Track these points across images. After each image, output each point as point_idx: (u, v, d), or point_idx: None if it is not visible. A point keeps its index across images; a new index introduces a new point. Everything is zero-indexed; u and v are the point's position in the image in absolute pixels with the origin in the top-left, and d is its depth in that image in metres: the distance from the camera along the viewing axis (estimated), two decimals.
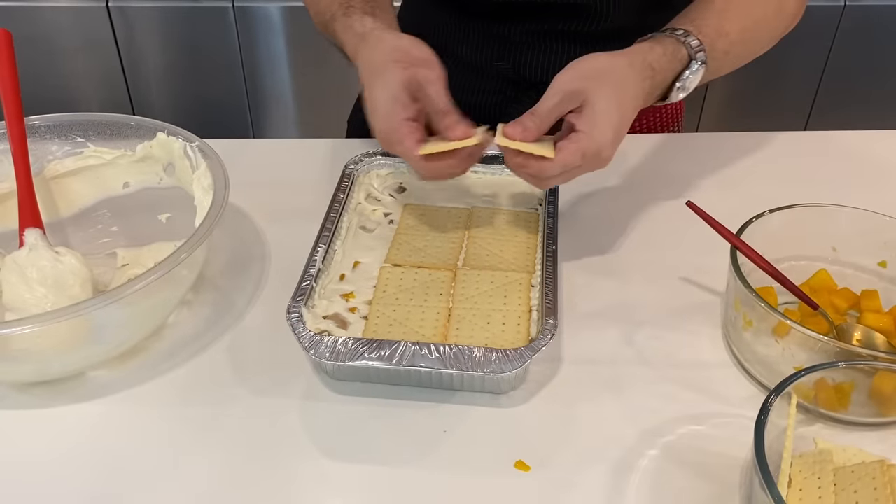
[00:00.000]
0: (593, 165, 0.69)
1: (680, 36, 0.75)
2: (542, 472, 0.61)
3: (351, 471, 0.61)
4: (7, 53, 0.77)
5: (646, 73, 0.72)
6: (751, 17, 0.79)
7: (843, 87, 2.16)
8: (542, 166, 0.68)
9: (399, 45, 0.73)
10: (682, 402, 0.66)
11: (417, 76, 0.70)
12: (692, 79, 0.75)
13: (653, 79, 0.73)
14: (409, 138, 0.69)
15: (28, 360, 0.64)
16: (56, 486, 0.61)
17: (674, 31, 0.75)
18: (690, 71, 0.75)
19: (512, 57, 0.98)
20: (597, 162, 0.69)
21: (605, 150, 0.68)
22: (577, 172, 0.70)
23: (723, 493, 0.59)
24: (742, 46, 0.79)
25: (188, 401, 0.67)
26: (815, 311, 0.69)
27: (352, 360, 0.62)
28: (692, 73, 0.75)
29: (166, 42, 2.07)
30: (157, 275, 0.62)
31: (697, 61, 0.75)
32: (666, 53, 0.74)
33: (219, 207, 0.68)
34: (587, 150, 0.67)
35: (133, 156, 0.81)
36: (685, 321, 0.74)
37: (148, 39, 2.06)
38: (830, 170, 0.95)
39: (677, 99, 0.77)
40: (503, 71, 0.99)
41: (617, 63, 0.71)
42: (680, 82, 0.75)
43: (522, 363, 0.62)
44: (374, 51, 0.74)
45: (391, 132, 0.70)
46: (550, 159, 0.67)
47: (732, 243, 0.68)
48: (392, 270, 0.74)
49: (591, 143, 0.67)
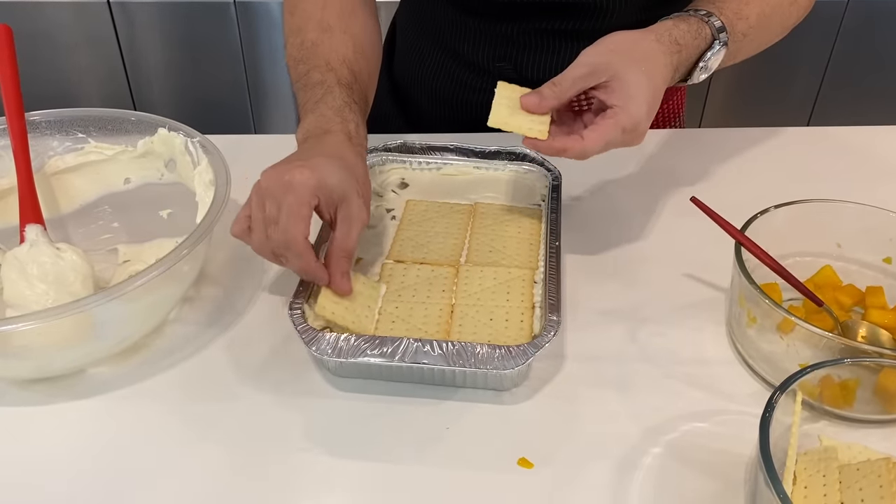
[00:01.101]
0: (630, 140, 0.69)
1: (703, 16, 0.75)
2: (546, 470, 0.60)
3: (353, 468, 0.61)
4: (7, 49, 0.76)
5: (672, 47, 0.72)
6: (768, 2, 0.79)
7: (847, 82, 2.15)
8: (584, 148, 0.67)
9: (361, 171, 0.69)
10: (686, 400, 0.66)
11: (356, 205, 0.66)
12: (714, 59, 0.75)
13: (679, 54, 0.72)
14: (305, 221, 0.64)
15: (29, 357, 0.64)
16: (57, 483, 0.60)
17: (696, 10, 0.75)
18: (713, 51, 0.74)
19: (514, 57, 0.97)
20: (634, 136, 0.69)
21: (642, 123, 0.68)
22: (614, 147, 0.69)
23: (727, 491, 0.59)
24: (759, 31, 0.79)
25: (189, 397, 0.67)
26: (820, 308, 0.69)
27: (354, 356, 0.62)
28: (714, 53, 0.74)
29: (168, 38, 2.07)
30: (158, 271, 0.61)
31: (720, 41, 0.74)
32: (690, 30, 0.73)
33: (220, 203, 0.68)
34: (626, 124, 0.67)
35: (134, 151, 0.80)
36: (689, 318, 0.74)
37: (149, 35, 2.06)
38: (834, 165, 0.95)
39: (699, 79, 0.76)
40: (505, 72, 0.99)
41: (644, 38, 0.71)
42: (703, 62, 0.75)
43: (526, 360, 0.61)
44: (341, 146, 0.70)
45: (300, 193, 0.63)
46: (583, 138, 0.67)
47: (737, 239, 0.68)
48: (394, 266, 0.74)
49: (629, 118, 0.67)
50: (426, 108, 1.08)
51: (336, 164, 0.67)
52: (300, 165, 0.65)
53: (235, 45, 2.08)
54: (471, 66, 1.00)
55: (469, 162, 0.85)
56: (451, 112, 1.05)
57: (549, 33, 0.95)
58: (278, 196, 0.64)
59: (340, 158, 0.68)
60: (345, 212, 0.66)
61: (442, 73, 1.03)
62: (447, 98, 1.04)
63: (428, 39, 1.04)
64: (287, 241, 0.64)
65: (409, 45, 1.08)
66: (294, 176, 0.64)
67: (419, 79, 1.06)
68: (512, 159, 0.85)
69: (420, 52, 1.05)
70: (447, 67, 1.02)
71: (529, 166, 0.84)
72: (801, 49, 2.09)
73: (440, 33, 1.02)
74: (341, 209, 0.66)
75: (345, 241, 0.66)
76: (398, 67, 1.11)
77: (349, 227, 0.66)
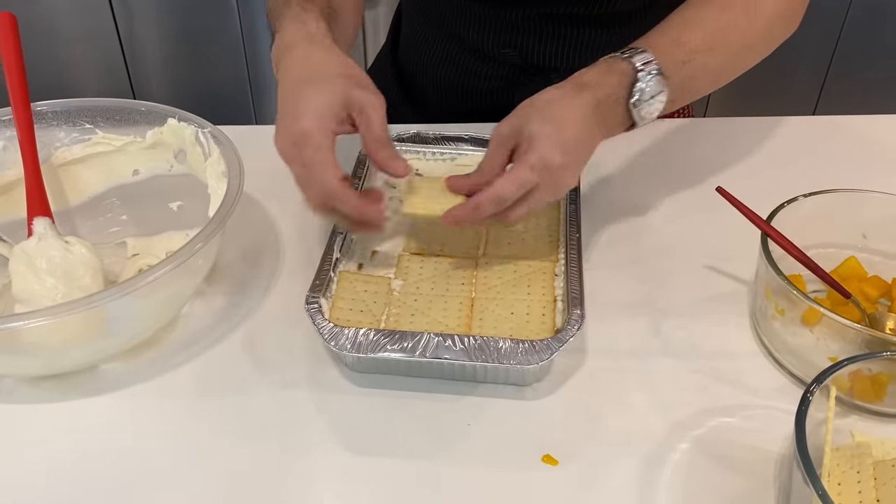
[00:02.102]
0: (549, 180, 0.65)
1: (618, 54, 0.71)
2: (571, 467, 0.59)
3: (374, 465, 0.60)
4: (13, 37, 0.74)
5: (578, 88, 0.68)
6: (714, 23, 0.74)
7: (852, 72, 2.13)
8: (495, 195, 0.64)
9: (349, 64, 0.68)
10: (711, 394, 0.65)
11: (361, 98, 0.66)
12: (649, 87, 0.69)
13: (590, 91, 0.68)
14: (328, 152, 0.64)
15: (40, 354, 0.62)
16: (68, 482, 0.59)
17: (615, 51, 0.72)
18: (643, 82, 0.69)
19: (519, 43, 0.96)
20: (549, 174, 0.65)
21: (552, 158, 0.64)
22: (540, 196, 0.66)
23: (757, 488, 0.58)
24: (709, 54, 0.73)
25: (203, 394, 0.66)
26: (847, 300, 0.68)
27: (374, 351, 0.60)
28: (646, 83, 0.69)
29: (168, 29, 2.05)
30: (173, 265, 0.60)
31: (649, 73, 0.69)
32: (600, 70, 0.70)
33: (234, 195, 0.66)
34: (532, 161, 0.64)
35: (143, 142, 0.78)
36: (711, 310, 0.72)
37: (150, 26, 2.03)
38: (855, 155, 0.93)
39: (648, 112, 0.70)
40: (510, 58, 0.97)
41: (543, 93, 0.69)
42: (636, 92, 0.69)
43: (550, 355, 0.60)
44: (320, 54, 0.69)
45: (315, 133, 0.64)
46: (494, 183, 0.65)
47: (763, 230, 0.66)
48: (411, 259, 0.72)
49: (535, 154, 0.64)
50: (431, 96, 1.06)
51: (328, 82, 0.65)
52: (296, 115, 0.64)
53: (237, 37, 2.05)
54: (476, 52, 0.99)
55: (484, 152, 0.83)
56: (456, 100, 1.03)
57: (554, 18, 0.94)
58: (297, 155, 0.64)
59: (319, 75, 0.66)
60: (358, 110, 0.66)
61: (447, 60, 1.02)
62: (452, 85, 1.02)
63: (433, 26, 1.02)
64: (327, 193, 0.64)
65: (414, 32, 1.06)
66: (299, 126, 0.64)
67: (424, 66, 1.05)
68: None
69: (425, 40, 1.04)
70: (452, 54, 1.01)
71: None
72: (806, 40, 2.07)
73: (445, 20, 1.00)
74: (355, 112, 0.66)
75: (374, 132, 0.66)
76: (403, 55, 1.10)
77: (368, 118, 0.65)
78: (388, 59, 1.12)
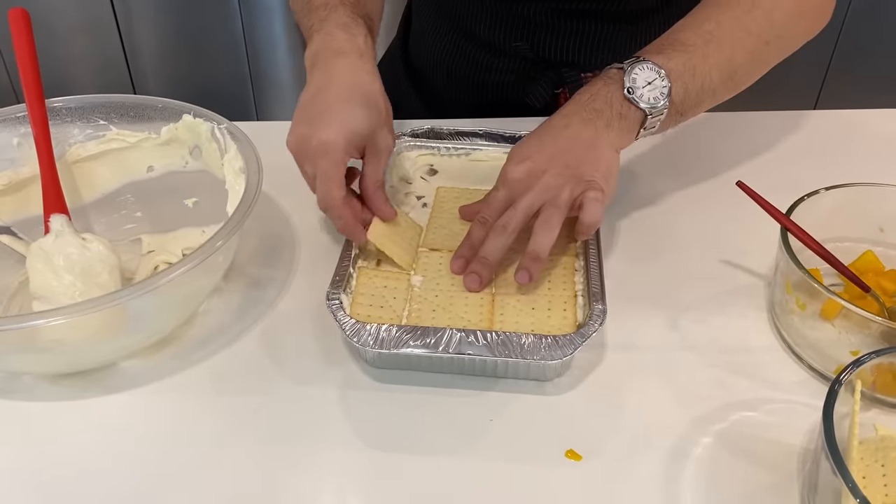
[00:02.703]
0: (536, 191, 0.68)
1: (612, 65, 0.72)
2: (595, 462, 0.59)
3: (397, 461, 0.59)
4: (26, 34, 0.74)
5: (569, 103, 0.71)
6: (709, 19, 0.74)
7: (853, 67, 2.14)
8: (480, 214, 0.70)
9: (386, 96, 0.72)
10: (731, 388, 0.65)
11: (384, 140, 0.71)
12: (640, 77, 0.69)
13: (585, 100, 0.70)
14: (339, 181, 0.68)
15: (61, 352, 0.62)
16: (88, 478, 0.59)
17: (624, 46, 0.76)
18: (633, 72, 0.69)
19: (530, 37, 0.96)
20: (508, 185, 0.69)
21: (506, 168, 0.69)
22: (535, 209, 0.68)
23: (781, 482, 0.58)
24: (707, 46, 0.72)
25: (223, 390, 0.66)
26: (866, 294, 0.68)
27: (396, 347, 0.60)
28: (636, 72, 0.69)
29: (169, 25, 2.04)
30: (195, 261, 0.59)
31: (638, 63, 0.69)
32: (594, 81, 0.72)
33: (254, 191, 0.66)
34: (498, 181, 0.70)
35: (157, 139, 0.78)
36: (729, 304, 0.72)
37: (150, 22, 2.03)
38: (865, 149, 0.93)
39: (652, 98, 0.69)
40: (521, 51, 0.97)
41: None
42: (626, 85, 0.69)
43: (573, 350, 0.60)
44: (367, 76, 0.71)
45: (331, 147, 0.67)
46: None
47: (783, 224, 0.66)
48: (430, 255, 0.72)
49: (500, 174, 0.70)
50: (442, 90, 1.06)
51: (357, 105, 0.69)
52: (328, 123, 0.67)
53: (237, 32, 2.05)
54: (487, 46, 0.99)
55: (498, 147, 0.83)
56: (467, 93, 1.03)
57: (566, 13, 0.93)
58: (311, 158, 0.68)
59: (360, 96, 0.69)
60: (372, 147, 0.70)
61: (458, 53, 1.02)
62: (463, 79, 1.02)
63: (444, 20, 1.02)
64: (326, 204, 0.69)
65: (425, 25, 1.06)
66: (321, 137, 0.67)
67: (435, 60, 1.05)
68: None
69: (436, 33, 1.04)
70: (463, 48, 1.01)
71: None
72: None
73: (456, 13, 1.00)
74: (369, 146, 0.70)
75: (376, 174, 0.71)
76: (414, 48, 1.09)
77: (378, 161, 0.71)
78: (399, 53, 1.12)
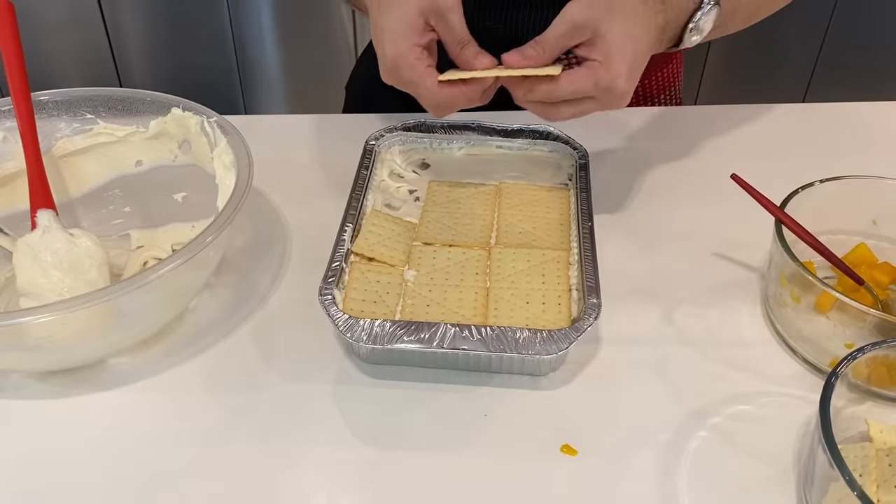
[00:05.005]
0: (606, 101, 0.67)
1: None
2: (590, 457, 0.59)
3: (391, 457, 0.59)
4: (10, 26, 0.73)
5: (657, 7, 0.69)
6: None
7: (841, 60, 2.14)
8: (551, 87, 0.65)
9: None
10: (727, 382, 0.65)
11: (436, 3, 0.67)
12: (705, 20, 0.72)
13: (665, 13, 0.69)
14: (420, 63, 0.66)
15: (50, 349, 0.61)
16: (77, 478, 0.58)
17: None
18: (703, 11, 0.71)
19: (504, 16, 0.95)
20: (610, 97, 0.66)
21: (618, 82, 0.65)
22: (591, 107, 0.67)
23: (777, 474, 0.58)
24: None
25: (214, 388, 0.65)
26: (859, 287, 0.68)
27: (390, 343, 0.60)
28: (704, 13, 0.71)
29: (155, 17, 2.02)
30: (185, 257, 0.59)
31: (709, 3, 0.71)
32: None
33: (244, 185, 0.65)
34: (600, 79, 0.65)
35: (146, 133, 0.77)
36: (723, 298, 0.72)
37: (136, 14, 2.00)
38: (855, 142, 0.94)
39: (691, 43, 0.73)
40: (495, 31, 0.96)
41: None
42: (693, 23, 0.72)
43: (568, 344, 0.59)
44: None
45: (400, 57, 0.66)
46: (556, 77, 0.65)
47: (778, 217, 0.66)
48: (424, 249, 0.71)
49: (605, 73, 0.65)
50: None
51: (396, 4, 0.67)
52: (382, 44, 0.67)
53: (224, 23, 2.03)
54: None
55: (491, 140, 0.83)
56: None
57: None
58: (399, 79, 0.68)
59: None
60: (436, 18, 0.68)
61: None
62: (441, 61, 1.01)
63: None
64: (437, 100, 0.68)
65: None
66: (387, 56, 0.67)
67: None
68: (535, 137, 0.82)
69: None
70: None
71: (554, 144, 0.82)
72: (795, 25, 2.08)
73: None
74: (433, 17, 0.68)
75: (451, 34, 0.68)
76: None
77: (446, 23, 0.68)
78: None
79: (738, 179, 0.69)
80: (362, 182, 0.76)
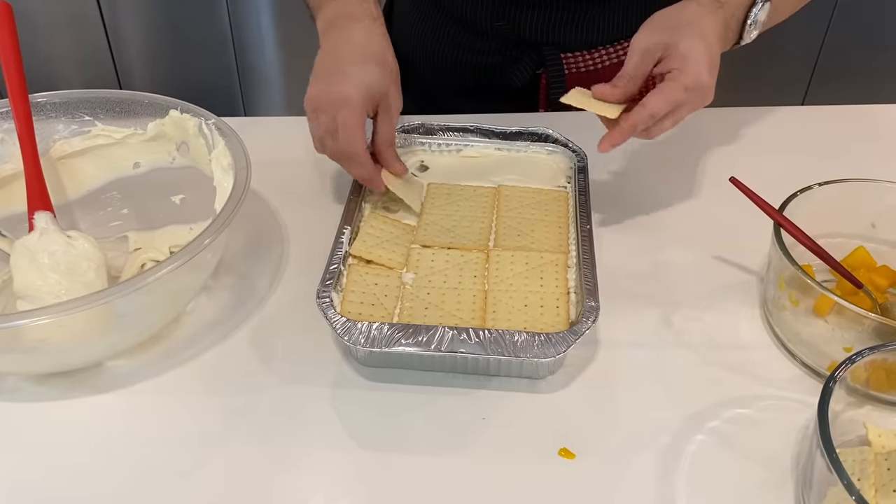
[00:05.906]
0: (696, 99, 0.70)
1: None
2: (588, 460, 0.59)
3: (389, 460, 0.59)
4: (9, 28, 0.72)
5: (713, 4, 0.73)
6: None
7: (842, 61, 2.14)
8: (650, 112, 0.69)
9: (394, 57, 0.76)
10: (725, 385, 0.65)
11: (394, 97, 0.74)
12: (762, 13, 0.75)
13: (722, 9, 0.73)
14: (361, 129, 0.71)
15: (47, 351, 0.61)
16: (74, 480, 0.58)
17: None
18: (758, 7, 0.74)
19: (511, 15, 0.95)
20: (697, 95, 0.70)
21: (702, 78, 0.69)
22: (684, 112, 0.70)
23: (776, 478, 0.58)
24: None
25: (212, 391, 0.65)
26: (858, 290, 0.68)
27: (388, 346, 0.60)
28: (759, 9, 0.74)
29: (155, 18, 2.02)
30: (182, 260, 0.59)
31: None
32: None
33: (242, 187, 0.65)
34: (687, 82, 0.68)
35: (144, 135, 0.77)
36: (722, 301, 0.72)
37: (136, 15, 2.00)
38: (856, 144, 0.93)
39: (751, 38, 0.76)
40: (502, 31, 0.96)
41: (685, 5, 0.73)
42: (751, 18, 0.75)
43: (566, 347, 0.59)
44: (380, 39, 0.76)
45: (350, 104, 0.70)
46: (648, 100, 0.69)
47: (776, 220, 0.66)
48: (422, 251, 0.71)
49: (689, 76, 0.69)
50: (426, 74, 1.05)
51: (372, 65, 0.73)
52: (344, 78, 0.71)
53: (224, 25, 2.03)
54: (468, 27, 0.98)
55: (490, 143, 0.83)
56: (451, 76, 1.03)
57: None
58: (331, 110, 0.70)
59: (373, 55, 0.74)
60: (384, 106, 0.74)
61: (441, 35, 1.01)
62: (446, 61, 1.02)
63: (426, 2, 1.01)
64: (350, 154, 0.72)
65: (407, 9, 1.06)
66: (343, 90, 0.71)
67: (418, 43, 1.04)
68: (534, 140, 0.82)
69: (418, 16, 1.03)
70: (445, 29, 1.01)
71: (553, 147, 0.82)
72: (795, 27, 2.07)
73: None
74: (381, 104, 0.74)
75: (388, 133, 0.75)
76: (397, 34, 1.08)
77: (389, 119, 0.75)
78: None
79: (737, 183, 0.69)
80: (361, 184, 0.76)
